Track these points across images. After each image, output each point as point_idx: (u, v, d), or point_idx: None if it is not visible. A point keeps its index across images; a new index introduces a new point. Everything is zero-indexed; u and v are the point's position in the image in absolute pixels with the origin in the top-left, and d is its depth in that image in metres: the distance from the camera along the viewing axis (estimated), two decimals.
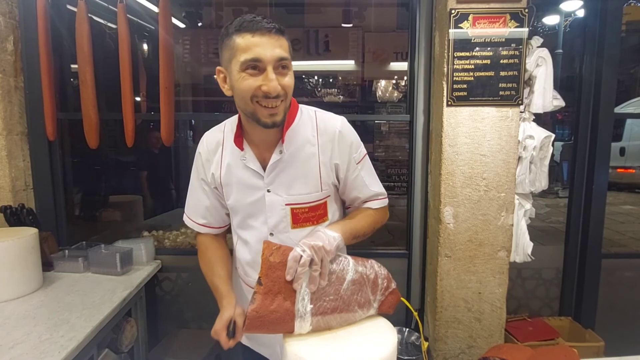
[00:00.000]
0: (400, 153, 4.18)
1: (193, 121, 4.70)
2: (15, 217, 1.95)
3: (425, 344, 1.03)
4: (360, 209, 1.18)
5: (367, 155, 1.17)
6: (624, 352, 1.28)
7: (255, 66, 0.94)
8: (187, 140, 4.85)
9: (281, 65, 0.95)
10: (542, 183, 1.90)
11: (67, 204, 2.34)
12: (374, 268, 0.98)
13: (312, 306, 0.90)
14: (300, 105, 1.13)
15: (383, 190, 1.20)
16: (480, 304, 1.90)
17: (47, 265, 1.93)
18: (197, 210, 1.22)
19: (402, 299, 1.02)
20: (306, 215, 1.10)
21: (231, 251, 1.27)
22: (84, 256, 1.97)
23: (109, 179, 3.93)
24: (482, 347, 1.89)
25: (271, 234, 1.11)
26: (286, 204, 1.08)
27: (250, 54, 0.92)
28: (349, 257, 0.99)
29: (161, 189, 4.28)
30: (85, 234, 2.31)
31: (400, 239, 2.38)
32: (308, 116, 1.10)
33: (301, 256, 0.91)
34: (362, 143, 1.15)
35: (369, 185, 1.16)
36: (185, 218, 1.26)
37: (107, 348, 1.77)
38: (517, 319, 2.11)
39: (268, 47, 0.92)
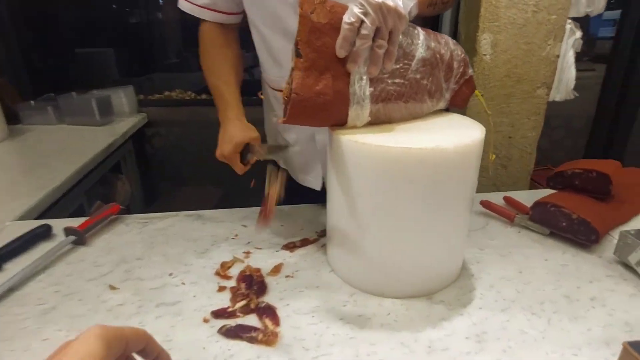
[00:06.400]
0: None
1: None
2: None
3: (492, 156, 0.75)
4: None
5: None
6: None
7: None
8: None
9: None
10: (601, 4, 1.58)
11: (23, 53, 1.95)
12: (449, 46, 0.71)
13: (372, 89, 0.63)
14: None
15: None
16: (509, 150, 1.72)
17: (11, 117, 1.64)
18: None
19: (476, 92, 0.78)
20: None
21: None
22: (54, 105, 1.67)
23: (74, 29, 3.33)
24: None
25: None
26: None
27: None
28: (419, 28, 0.70)
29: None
30: (51, 90, 1.96)
31: None
32: None
33: (362, 21, 0.56)
34: None
35: None
36: (180, 2, 0.87)
37: (99, 201, 1.59)
38: (541, 168, 1.99)
39: None
